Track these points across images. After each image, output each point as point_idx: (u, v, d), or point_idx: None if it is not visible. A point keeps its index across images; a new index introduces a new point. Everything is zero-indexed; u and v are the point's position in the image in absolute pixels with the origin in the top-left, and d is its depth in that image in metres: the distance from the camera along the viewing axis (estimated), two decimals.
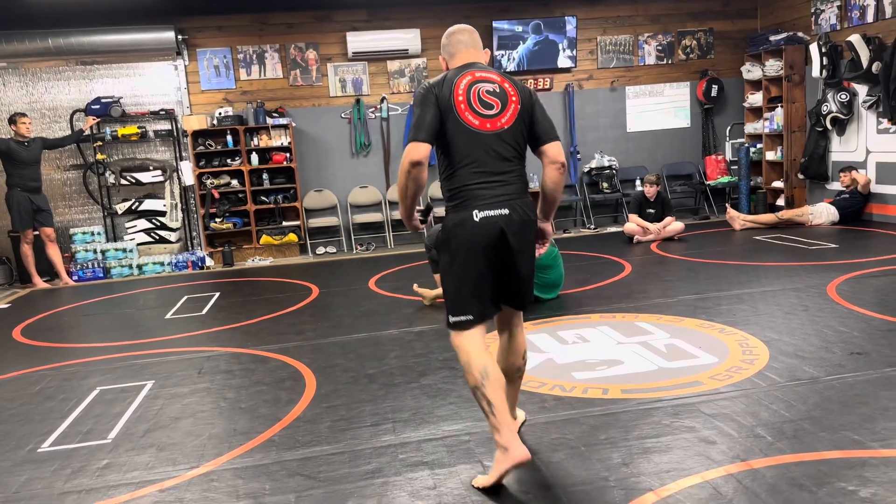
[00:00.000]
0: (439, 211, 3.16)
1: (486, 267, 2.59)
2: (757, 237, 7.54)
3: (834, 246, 6.72)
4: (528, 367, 3.31)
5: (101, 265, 7.98)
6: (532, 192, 2.63)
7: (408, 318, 5.08)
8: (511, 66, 9.00)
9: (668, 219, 7.78)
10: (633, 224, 7.83)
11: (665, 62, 9.56)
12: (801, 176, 8.75)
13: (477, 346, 2.58)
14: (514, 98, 2.64)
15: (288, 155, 8.53)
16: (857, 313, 4.39)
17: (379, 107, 8.93)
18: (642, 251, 7.25)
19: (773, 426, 2.87)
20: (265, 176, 8.52)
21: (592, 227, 9.19)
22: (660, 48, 9.52)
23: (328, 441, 3.02)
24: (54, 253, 7.70)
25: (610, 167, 9.38)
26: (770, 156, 9.15)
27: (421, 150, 2.52)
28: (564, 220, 9.43)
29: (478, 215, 2.56)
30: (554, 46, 9.09)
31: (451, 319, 2.62)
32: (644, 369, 3.68)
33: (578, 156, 9.40)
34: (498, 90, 2.63)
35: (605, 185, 9.35)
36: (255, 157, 8.44)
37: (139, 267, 8.05)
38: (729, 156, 9.69)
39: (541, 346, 4.18)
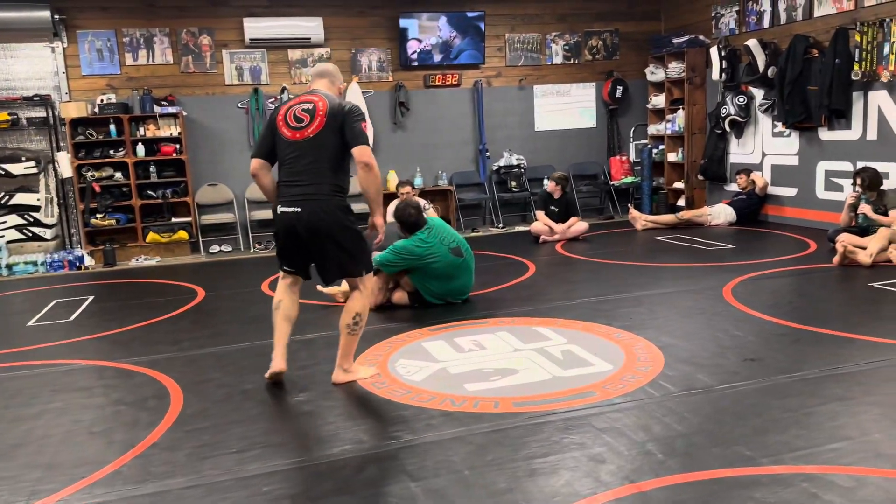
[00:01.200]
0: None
1: (291, 245, 3.44)
2: (658, 237, 7.59)
3: (730, 247, 6.83)
4: (420, 377, 3.56)
5: None
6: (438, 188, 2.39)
7: (298, 325, 4.73)
8: (415, 60, 8.75)
9: (572, 219, 7.73)
10: (541, 223, 7.74)
11: (572, 62, 9.55)
12: (700, 177, 8.92)
13: (281, 288, 3.61)
14: (321, 113, 3.30)
15: (178, 146, 7.98)
16: (752, 316, 4.39)
17: (279, 97, 8.48)
18: (548, 251, 7.17)
19: (664, 441, 2.74)
20: (152, 168, 7.94)
21: (501, 226, 9.07)
22: (567, 48, 9.50)
23: (184, 472, 2.68)
24: None
25: (518, 166, 9.29)
26: (672, 157, 9.29)
27: (253, 164, 3.44)
28: (473, 219, 9.27)
29: (279, 209, 3.40)
30: (462, 42, 8.90)
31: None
32: (538, 378, 3.51)
33: (487, 154, 9.26)
34: (311, 108, 3.33)
35: (513, 183, 9.25)
36: (140, 149, 7.85)
37: (9, 267, 7.33)
38: (633, 156, 9.79)
39: (436, 354, 3.95)
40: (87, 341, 4.62)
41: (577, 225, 7.74)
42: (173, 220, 8.10)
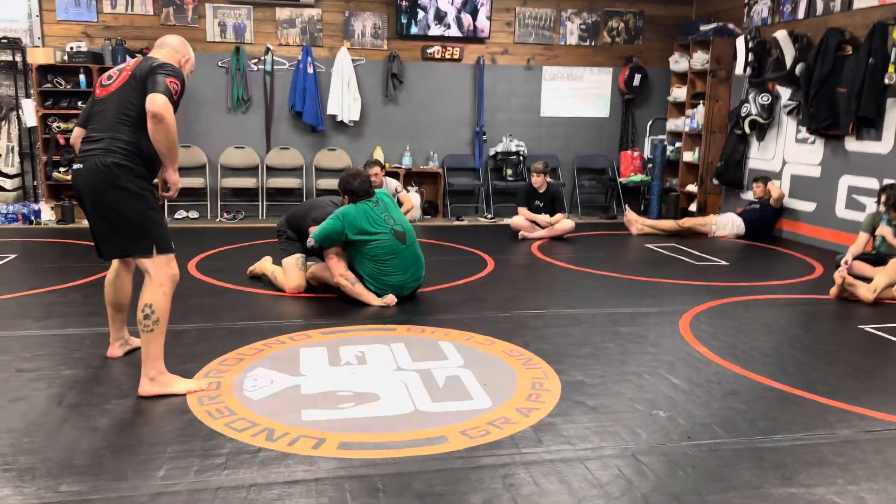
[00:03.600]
0: None
1: (84, 211, 3.03)
2: (650, 245, 6.82)
3: (724, 263, 6.03)
4: (260, 395, 3.04)
5: None
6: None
7: (208, 309, 4.24)
8: (415, 30, 8.09)
9: (558, 215, 7.02)
10: (521, 217, 7.06)
11: (588, 44, 8.73)
12: (715, 181, 8.05)
13: (112, 266, 3.33)
14: (127, 70, 3.00)
15: None
16: (697, 356, 3.67)
17: (263, 58, 7.96)
18: (521, 250, 6.49)
19: None
20: None
21: (490, 216, 8.40)
22: (584, 27, 8.68)
23: None
24: None
25: (518, 153, 8.57)
26: (688, 156, 8.42)
27: (73, 133, 3.17)
28: (465, 207, 8.61)
29: (74, 166, 3.04)
30: (467, 12, 8.19)
31: None
32: (396, 412, 2.90)
33: (485, 137, 8.57)
34: (123, 66, 3.05)
35: (509, 171, 8.55)
36: None
37: None
38: (647, 153, 8.95)
39: (304, 366, 3.38)
40: None
41: (563, 222, 7.02)
42: None
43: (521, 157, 8.58)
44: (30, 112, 7.28)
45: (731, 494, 2.32)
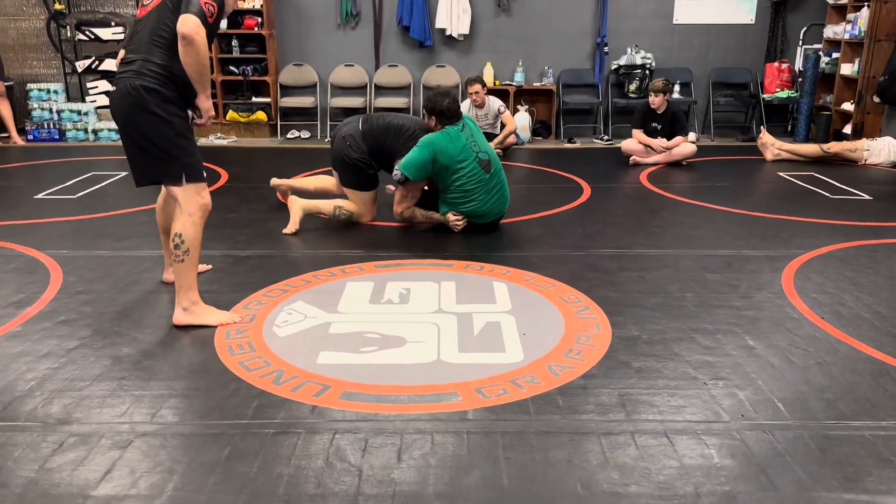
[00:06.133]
0: None
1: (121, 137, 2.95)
2: (784, 173, 6.00)
3: (867, 198, 5.17)
4: (286, 332, 2.95)
5: (57, 126, 7.54)
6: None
7: (248, 237, 4.25)
8: None
9: (677, 138, 6.33)
10: (633, 141, 6.44)
11: None
12: (876, 99, 6.88)
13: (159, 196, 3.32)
14: None
15: (260, 20, 7.56)
16: (790, 310, 3.14)
17: None
18: (628, 177, 5.94)
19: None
20: (234, 42, 7.63)
21: (607, 137, 7.77)
22: None
23: None
24: (4, 109, 7.31)
25: (644, 66, 7.78)
26: (846, 69, 7.24)
27: (119, 54, 2.99)
28: (581, 128, 8.02)
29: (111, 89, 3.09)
30: None
31: None
32: (418, 359, 2.71)
33: (606, 49, 7.83)
34: None
35: (632, 87, 7.80)
36: (223, 20, 7.52)
37: (95, 132, 7.56)
38: (798, 65, 7.80)
39: (343, 302, 3.25)
40: (48, 225, 4.48)
41: (683, 146, 6.32)
42: (254, 99, 7.84)
43: (648, 71, 7.78)
44: None
45: (766, 495, 1.93)
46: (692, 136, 6.75)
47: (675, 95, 7.39)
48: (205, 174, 2.98)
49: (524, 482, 1.98)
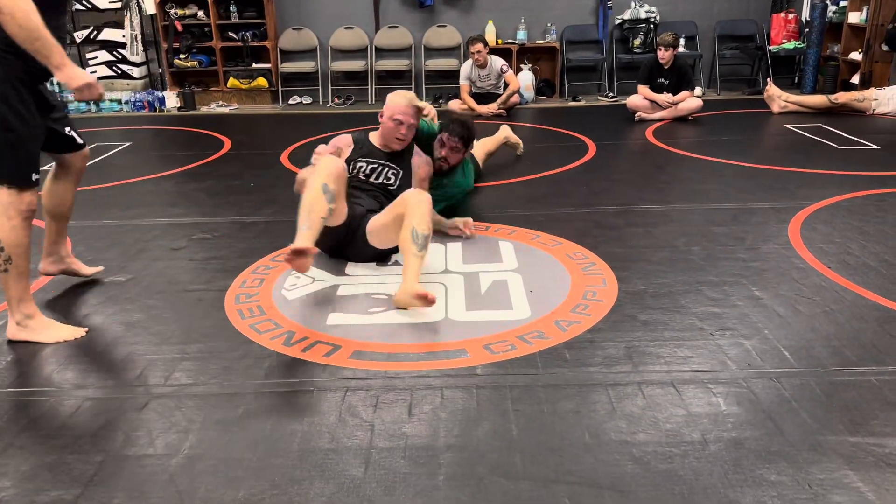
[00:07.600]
0: None
1: None
2: (791, 125, 5.95)
3: (874, 148, 5.13)
4: (295, 295, 2.96)
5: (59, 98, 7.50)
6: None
7: (256, 203, 4.25)
8: None
9: (683, 93, 6.26)
10: (639, 97, 6.38)
11: None
12: (885, 47, 6.77)
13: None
14: None
15: None
16: (796, 260, 3.14)
17: None
18: (633, 134, 5.90)
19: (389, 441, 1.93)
20: (233, 7, 7.54)
21: (612, 94, 7.69)
22: None
23: None
24: None
25: (647, 20, 7.68)
26: (854, 17, 7.12)
27: None
28: (585, 86, 7.93)
29: None
30: None
31: None
32: (426, 318, 2.74)
33: (610, 4, 7.70)
34: None
35: (636, 42, 7.71)
36: None
37: (96, 103, 7.53)
38: (805, 14, 7.67)
39: (352, 264, 3.27)
40: None
41: (690, 101, 6.27)
42: (254, 65, 7.77)
43: (653, 25, 7.67)
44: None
45: (773, 440, 1.95)
46: (698, 90, 6.68)
47: (681, 49, 7.28)
48: (34, 177, 2.49)
49: (533, 432, 2.01)
